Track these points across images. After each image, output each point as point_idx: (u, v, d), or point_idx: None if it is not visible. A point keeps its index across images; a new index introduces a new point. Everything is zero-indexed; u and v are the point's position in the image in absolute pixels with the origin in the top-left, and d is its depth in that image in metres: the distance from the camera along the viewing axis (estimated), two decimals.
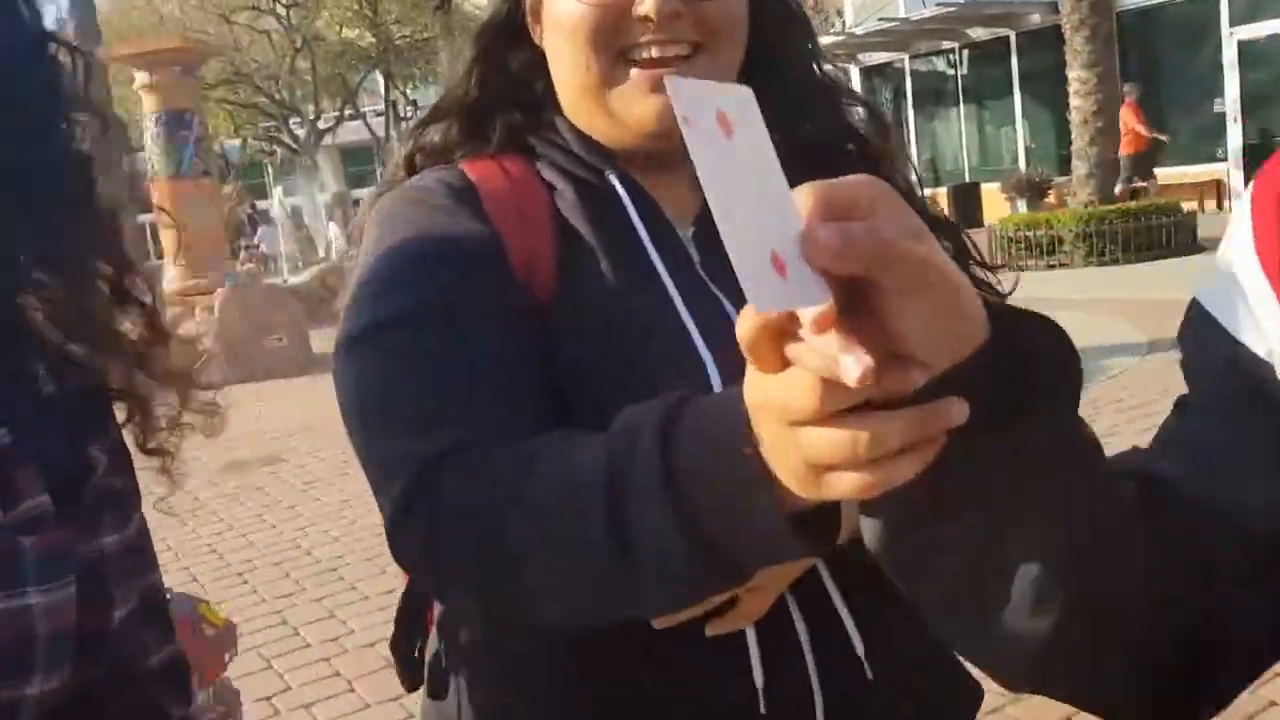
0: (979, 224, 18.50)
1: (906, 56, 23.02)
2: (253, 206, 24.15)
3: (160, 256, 12.75)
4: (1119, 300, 9.85)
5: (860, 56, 23.66)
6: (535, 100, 1.05)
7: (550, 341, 0.93)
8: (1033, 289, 0.94)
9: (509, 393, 0.88)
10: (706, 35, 0.96)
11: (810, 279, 0.47)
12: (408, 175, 1.06)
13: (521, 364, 0.90)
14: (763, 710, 0.93)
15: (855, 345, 0.45)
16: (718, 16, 0.96)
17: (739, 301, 0.92)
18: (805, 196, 0.47)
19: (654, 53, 0.95)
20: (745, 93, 0.48)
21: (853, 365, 0.45)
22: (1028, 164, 20.50)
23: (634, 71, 0.96)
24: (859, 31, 21.47)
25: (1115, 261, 12.51)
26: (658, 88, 0.94)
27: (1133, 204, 13.52)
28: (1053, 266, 12.84)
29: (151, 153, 11.76)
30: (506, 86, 1.06)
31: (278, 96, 26.58)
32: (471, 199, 0.97)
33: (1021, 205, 18.22)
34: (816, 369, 0.47)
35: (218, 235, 12.46)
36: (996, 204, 19.14)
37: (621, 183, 1.00)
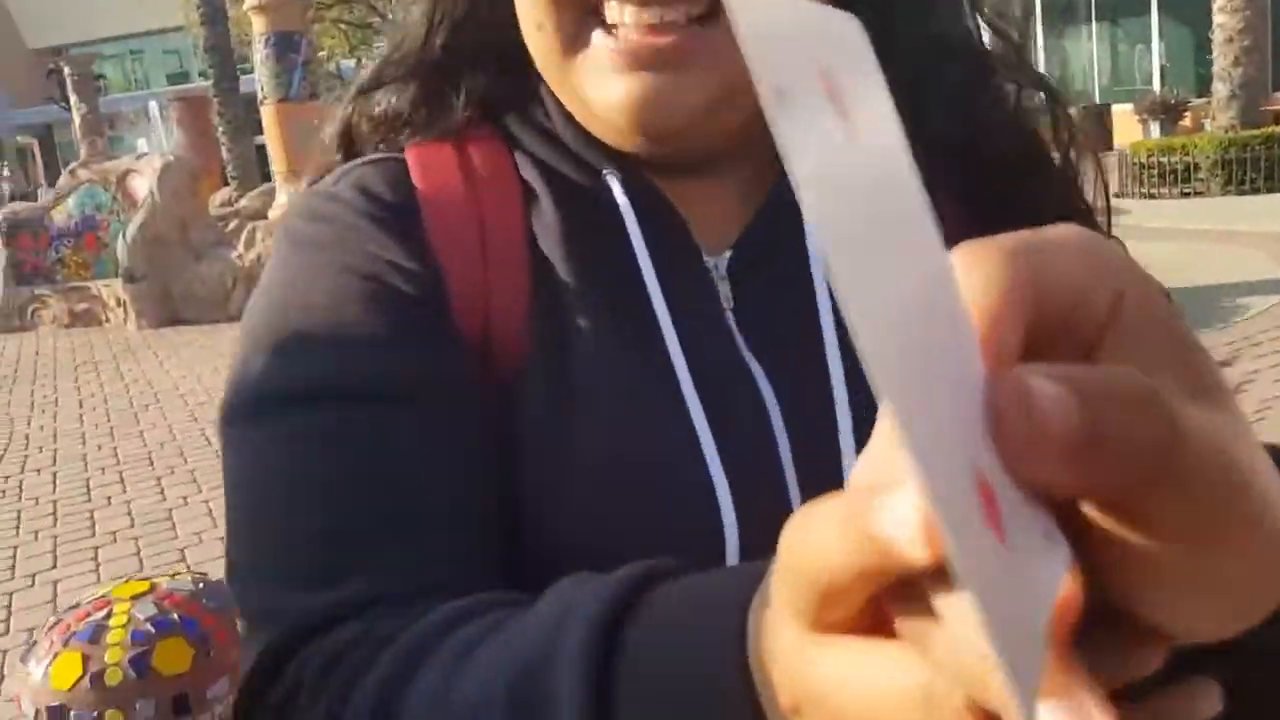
0: (1109, 148, 17.83)
1: None
2: None
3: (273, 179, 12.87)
4: (1260, 233, 9.31)
5: None
6: (517, 55, 0.67)
7: (506, 433, 0.61)
8: (1165, 219, 0.62)
9: (428, 520, 0.57)
10: None
11: (1025, 508, 0.23)
12: (344, 158, 0.73)
13: (453, 472, 0.59)
14: None
15: (1080, 703, 0.23)
16: None
17: (782, 374, 0.63)
18: (989, 278, 0.24)
19: (628, 17, 0.60)
20: (853, 27, 0.25)
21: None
22: (1163, 85, 19.69)
23: (597, 35, 0.61)
24: None
25: (1256, 191, 11.82)
26: (631, 63, 0.60)
27: (1277, 129, 12.73)
28: (1187, 194, 12.24)
29: (261, 75, 11.77)
30: (483, 34, 0.70)
31: (390, 16, 26.58)
32: (407, 217, 0.65)
33: (1155, 128, 17.54)
34: (964, 681, 0.23)
35: (330, 159, 12.47)
36: (1128, 127, 18.40)
37: (626, 187, 0.66)
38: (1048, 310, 0.25)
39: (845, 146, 0.22)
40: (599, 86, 0.61)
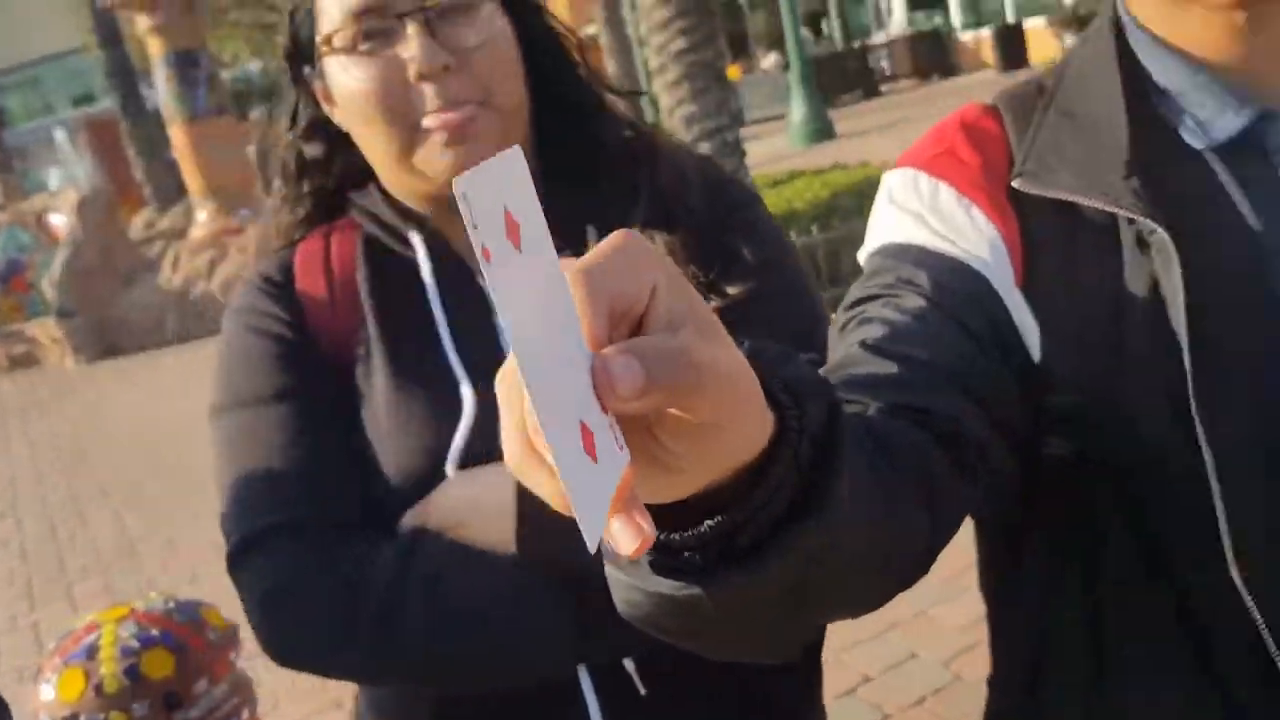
0: (1025, 65, 17.94)
1: None
2: None
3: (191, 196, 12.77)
4: None
5: None
6: (358, 167, 1.08)
7: (355, 413, 1.04)
8: None
9: (323, 473, 1.01)
10: (485, 90, 0.98)
11: (610, 434, 0.41)
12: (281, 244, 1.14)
13: (329, 443, 1.02)
14: None
15: (633, 519, 0.42)
16: (488, 64, 0.99)
17: None
18: (581, 299, 0.41)
19: (442, 119, 0.97)
20: (515, 158, 0.40)
21: (627, 541, 0.42)
22: None
23: (431, 136, 0.98)
24: None
25: None
26: (453, 141, 0.98)
27: None
28: None
29: (165, 96, 11.64)
30: (330, 169, 1.10)
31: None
32: (286, 295, 1.08)
33: (1070, 40, 17.56)
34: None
35: (245, 172, 12.41)
36: (1045, 43, 18.40)
37: (426, 241, 1.06)
38: (616, 308, 0.42)
39: (521, 267, 0.39)
40: (438, 161, 0.99)
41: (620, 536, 0.42)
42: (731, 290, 0.99)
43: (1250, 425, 0.72)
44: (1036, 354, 0.77)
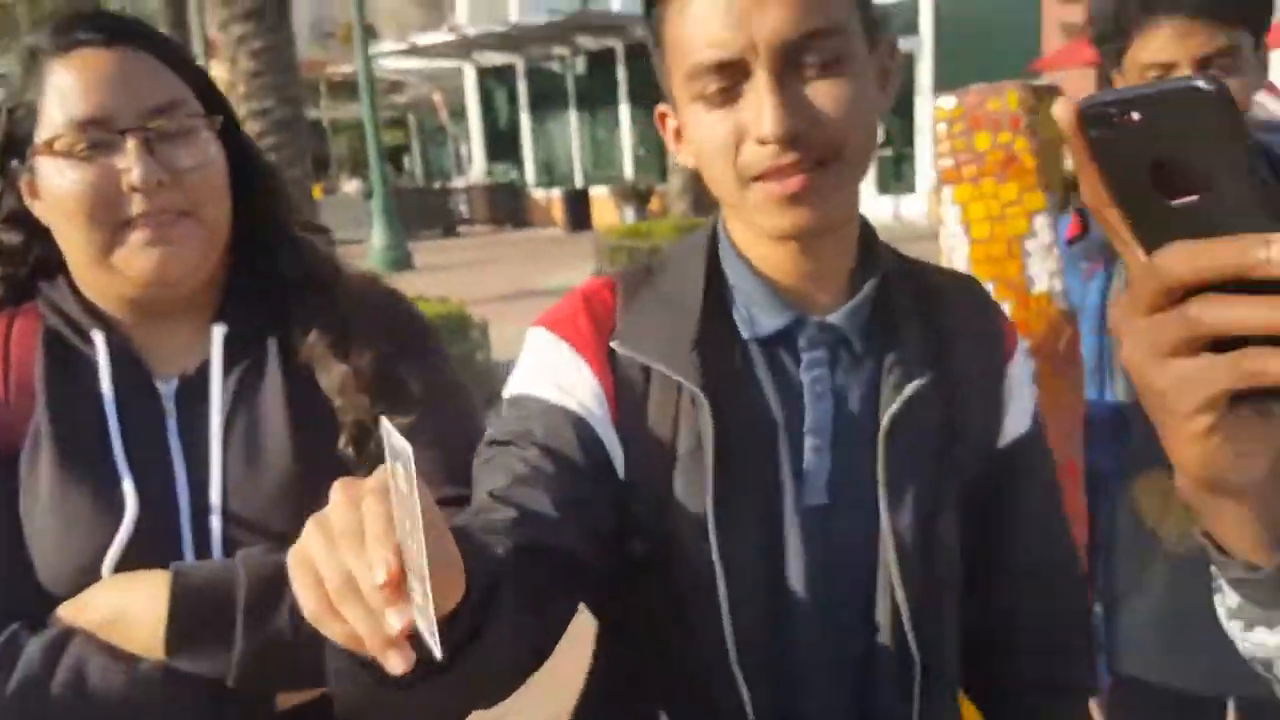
0: (588, 227, 19.15)
1: (521, 60, 23.37)
2: None
3: None
4: None
5: (475, 56, 23.79)
6: (54, 260, 1.12)
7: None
8: None
9: None
10: (193, 204, 1.06)
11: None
12: None
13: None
14: None
15: (405, 647, 0.61)
16: (199, 185, 1.07)
17: (194, 467, 1.11)
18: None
19: (146, 223, 1.04)
20: (400, 443, 0.61)
21: (398, 663, 0.60)
22: (635, 171, 21.34)
23: (133, 235, 1.04)
24: (471, 32, 21.54)
25: None
26: (155, 241, 1.04)
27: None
28: None
29: None
30: (26, 258, 1.14)
31: None
32: None
33: (629, 211, 18.99)
34: (364, 632, 0.61)
35: None
36: (607, 209, 19.77)
37: (108, 341, 1.10)
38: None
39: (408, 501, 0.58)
40: (139, 262, 1.05)
41: (399, 658, 0.60)
42: (402, 420, 1.10)
43: (753, 550, 0.96)
44: (622, 475, 0.98)
